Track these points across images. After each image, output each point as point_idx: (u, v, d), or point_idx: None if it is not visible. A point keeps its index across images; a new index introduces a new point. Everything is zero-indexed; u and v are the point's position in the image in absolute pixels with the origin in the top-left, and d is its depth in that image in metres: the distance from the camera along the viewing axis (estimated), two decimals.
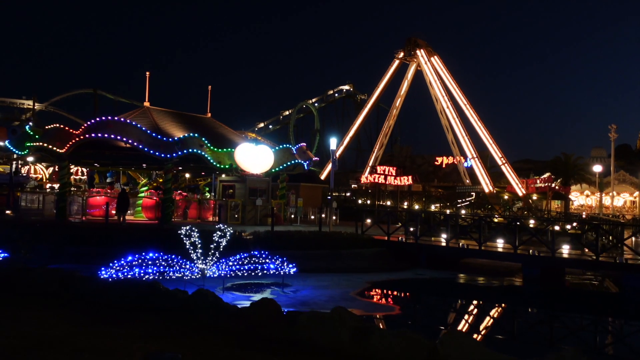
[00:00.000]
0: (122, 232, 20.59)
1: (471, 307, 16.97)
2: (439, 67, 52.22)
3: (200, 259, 14.70)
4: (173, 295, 9.89)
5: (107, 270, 13.47)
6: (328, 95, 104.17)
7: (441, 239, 24.14)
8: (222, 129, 33.62)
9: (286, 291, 15.62)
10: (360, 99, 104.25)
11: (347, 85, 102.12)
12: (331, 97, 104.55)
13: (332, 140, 23.60)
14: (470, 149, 50.38)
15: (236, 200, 28.21)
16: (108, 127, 25.36)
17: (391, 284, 18.50)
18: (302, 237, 21.45)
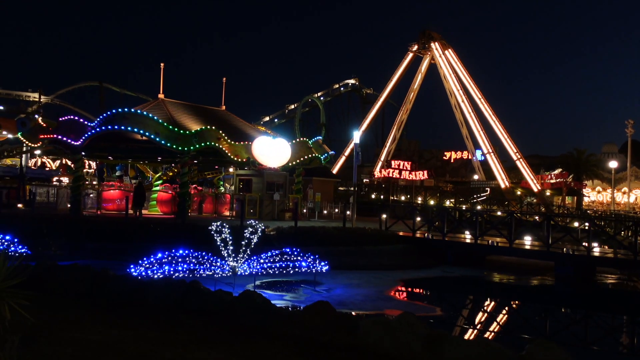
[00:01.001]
0: (141, 227, 19.99)
1: (516, 308, 16.25)
2: (453, 60, 51.39)
3: (231, 256, 14.07)
4: (217, 297, 9.27)
5: (137, 267, 12.87)
6: (334, 89, 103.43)
7: (466, 236, 23.54)
8: (237, 122, 32.96)
9: (318, 290, 15.01)
10: (365, 93, 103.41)
11: (352, 79, 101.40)
12: (337, 91, 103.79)
13: (355, 133, 22.94)
14: (485, 144, 49.60)
15: (253, 194, 27.57)
16: (124, 119, 24.70)
17: (423, 282, 17.89)
18: (327, 233, 20.84)
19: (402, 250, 21.58)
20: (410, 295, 16.27)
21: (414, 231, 22.22)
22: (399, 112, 56.58)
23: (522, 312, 15.77)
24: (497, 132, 50.09)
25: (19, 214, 22.60)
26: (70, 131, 25.66)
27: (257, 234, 14.36)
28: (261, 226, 14.54)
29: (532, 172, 51.11)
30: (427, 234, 22.35)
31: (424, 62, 54.45)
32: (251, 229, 14.37)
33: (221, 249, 14.06)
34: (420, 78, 54.95)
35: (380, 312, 12.39)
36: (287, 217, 27.94)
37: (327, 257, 17.69)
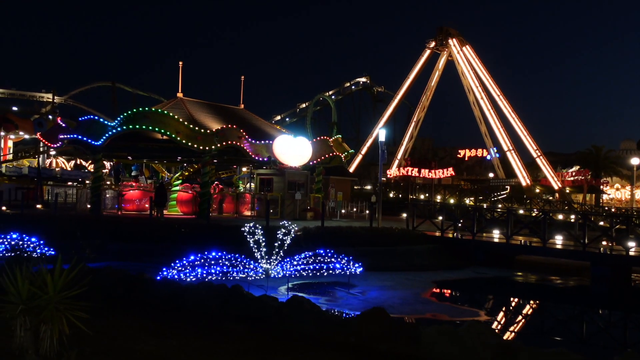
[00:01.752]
0: (166, 228, 19.62)
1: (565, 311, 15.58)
2: (471, 56, 50.65)
3: (264, 258, 13.63)
4: (262, 302, 8.82)
5: (169, 270, 12.46)
6: (345, 87, 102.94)
7: (493, 235, 22.96)
8: (256, 121, 32.55)
9: (353, 292, 14.54)
10: (377, 91, 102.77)
11: (363, 78, 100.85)
12: (348, 89, 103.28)
13: (380, 131, 22.38)
14: (505, 141, 48.80)
15: (275, 194, 27.13)
16: (145, 118, 24.38)
17: (457, 284, 17.37)
18: (354, 233, 20.36)
19: (430, 251, 21.06)
20: (447, 297, 15.76)
21: (442, 231, 21.68)
22: (416, 110, 55.93)
23: (570, 316, 15.14)
24: (516, 129, 49.27)
25: (41, 215, 22.33)
26: (90, 131, 25.39)
27: (290, 235, 13.91)
28: (294, 227, 14.07)
29: (552, 169, 50.25)
30: (455, 234, 21.78)
31: (441, 59, 53.74)
32: (284, 230, 13.91)
33: (254, 250, 13.62)
34: (438, 75, 54.27)
35: (423, 317, 11.88)
36: (308, 216, 27.50)
37: (356, 257, 17.24)
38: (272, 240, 18.33)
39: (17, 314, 4.57)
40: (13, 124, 39.65)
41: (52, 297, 4.70)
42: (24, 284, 4.72)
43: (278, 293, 13.92)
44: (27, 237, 15.58)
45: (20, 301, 4.62)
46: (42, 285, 4.87)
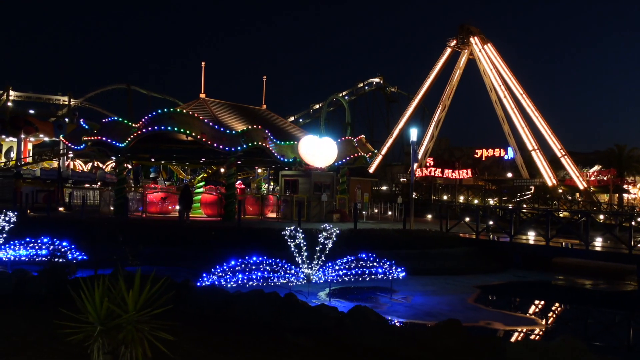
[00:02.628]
0: (196, 231, 19.17)
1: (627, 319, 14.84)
2: (493, 55, 49.77)
3: (306, 263, 13.11)
4: (322, 313, 8.26)
5: (209, 276, 11.98)
6: (358, 88, 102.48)
7: (529, 237, 22.25)
8: (279, 121, 32.12)
9: (396, 298, 13.97)
10: (390, 91, 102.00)
11: (377, 78, 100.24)
12: (361, 90, 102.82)
13: (412, 131, 21.74)
14: (530, 140, 47.84)
15: (301, 195, 26.60)
16: (170, 119, 24.02)
17: (500, 288, 16.72)
18: (388, 235, 19.78)
19: (466, 253, 20.42)
20: (496, 303, 15.13)
21: (477, 233, 21.01)
22: (436, 110, 55.08)
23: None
24: (540, 128, 48.29)
25: (69, 219, 22.01)
26: (115, 133, 25.09)
27: (332, 239, 13.36)
28: (336, 230, 13.53)
29: (577, 169, 49.18)
30: (491, 236, 21.12)
31: (462, 58, 52.89)
32: (325, 234, 13.37)
33: (295, 255, 13.09)
34: (459, 74, 53.44)
35: (477, 325, 11.27)
36: (335, 218, 26.96)
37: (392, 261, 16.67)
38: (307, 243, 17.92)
39: (96, 336, 4.07)
40: (33, 127, 39.56)
41: (132, 316, 4.19)
42: (103, 302, 4.22)
43: (319, 299, 13.40)
44: (57, 241, 15.22)
45: (98, 321, 4.12)
46: (120, 302, 4.36)
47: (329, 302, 13.00)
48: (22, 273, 10.52)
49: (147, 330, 4.28)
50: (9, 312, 8.80)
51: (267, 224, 22.87)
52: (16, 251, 15.14)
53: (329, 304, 12.89)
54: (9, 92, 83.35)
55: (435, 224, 27.03)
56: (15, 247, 15.17)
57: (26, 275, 10.50)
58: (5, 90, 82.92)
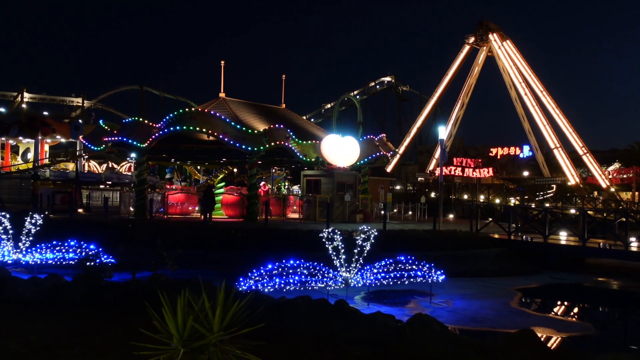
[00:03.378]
0: (223, 232, 18.75)
1: None
2: (512, 51, 48.95)
3: (344, 266, 12.61)
4: (378, 321, 7.77)
5: (246, 280, 11.51)
6: (369, 87, 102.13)
7: (560, 237, 21.60)
8: (300, 120, 31.69)
9: (435, 302, 13.43)
10: (402, 90, 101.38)
11: (388, 77, 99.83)
12: (372, 89, 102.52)
13: (440, 129, 21.19)
14: (552, 138, 46.99)
15: (323, 195, 26.11)
16: (192, 119, 23.65)
17: (540, 291, 16.13)
18: (418, 236, 19.25)
19: (498, 255, 19.85)
20: (541, 308, 14.54)
21: (509, 233, 20.40)
22: (454, 108, 54.35)
23: None
24: (561, 126, 47.38)
25: (91, 220, 21.70)
26: (136, 133, 24.76)
27: (370, 241, 12.86)
28: (374, 232, 13.01)
29: (599, 167, 48.28)
30: (524, 236, 20.50)
31: (480, 55, 52.12)
32: (363, 235, 12.86)
33: (333, 258, 12.60)
34: (477, 71, 52.65)
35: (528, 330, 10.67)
36: (358, 219, 26.47)
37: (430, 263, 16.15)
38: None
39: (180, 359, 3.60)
40: (50, 128, 39.41)
41: (217, 337, 3.71)
42: (187, 320, 3.75)
43: (356, 303, 12.90)
44: (84, 244, 14.86)
45: (180, 342, 3.65)
46: (203, 320, 3.89)
47: (367, 307, 12.53)
48: (56, 278, 10.13)
49: (233, 351, 3.79)
50: (47, 321, 8.39)
51: (291, 224, 22.43)
52: (43, 254, 14.81)
53: (367, 308, 12.44)
54: (23, 94, 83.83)
55: (458, 223, 26.46)
56: (42, 250, 14.85)
57: (60, 280, 10.11)
58: (19, 92, 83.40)
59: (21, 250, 15.03)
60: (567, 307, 15.05)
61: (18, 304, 9.67)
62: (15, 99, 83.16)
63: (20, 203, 37.44)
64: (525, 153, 62.84)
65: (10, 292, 10.22)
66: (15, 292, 10.18)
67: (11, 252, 15.13)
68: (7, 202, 36.07)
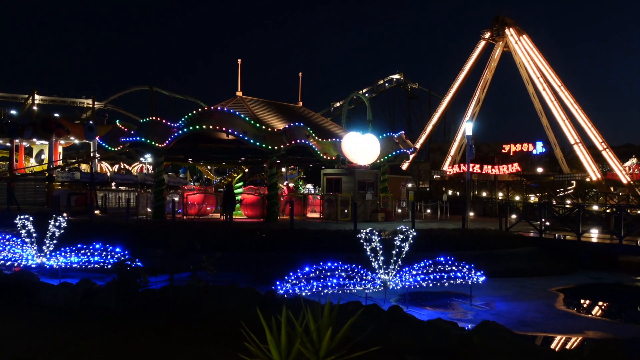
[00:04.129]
0: (246, 233, 18.28)
1: None
2: (529, 46, 48.13)
3: (382, 268, 12.10)
4: (440, 329, 7.26)
5: (283, 284, 11.02)
6: (378, 85, 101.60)
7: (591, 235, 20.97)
8: (318, 119, 31.21)
9: (477, 304, 12.89)
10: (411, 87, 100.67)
11: (397, 75, 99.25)
12: (381, 87, 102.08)
13: (467, 125, 20.60)
14: (572, 133, 46.16)
15: (344, 194, 25.60)
16: (211, 118, 23.22)
17: (582, 291, 15.58)
18: (448, 236, 18.68)
19: (530, 254, 19.25)
20: (587, 309, 13.96)
21: (541, 232, 19.80)
22: (469, 104, 53.60)
23: None
24: (580, 121, 46.54)
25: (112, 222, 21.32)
26: (153, 133, 24.36)
27: (408, 241, 12.34)
28: (413, 232, 12.49)
29: (620, 162, 47.40)
30: (556, 234, 19.89)
31: (496, 50, 51.30)
32: (401, 236, 12.35)
33: (371, 260, 12.09)
34: (493, 67, 51.85)
35: (585, 336, 10.12)
36: (380, 217, 25.97)
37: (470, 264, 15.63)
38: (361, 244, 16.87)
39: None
40: (64, 129, 39.19)
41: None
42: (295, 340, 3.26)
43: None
44: (110, 246, 14.44)
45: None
46: (307, 342, 3.39)
47: (406, 309, 12.01)
48: (88, 284, 9.70)
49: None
50: (84, 331, 7.94)
51: (314, 224, 21.96)
52: (67, 258, 14.42)
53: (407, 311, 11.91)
54: (34, 96, 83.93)
55: (481, 221, 25.86)
56: (67, 254, 14.46)
57: (92, 286, 9.68)
58: (30, 94, 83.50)
59: (45, 254, 14.67)
60: (614, 308, 14.45)
61: (49, 310, 9.26)
62: (26, 101, 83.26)
63: (35, 205, 37.28)
64: (539, 149, 62.00)
65: (41, 298, 9.81)
66: (46, 298, 9.76)
67: (35, 255, 14.78)
68: (22, 204, 35.88)
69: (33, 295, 9.83)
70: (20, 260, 14.74)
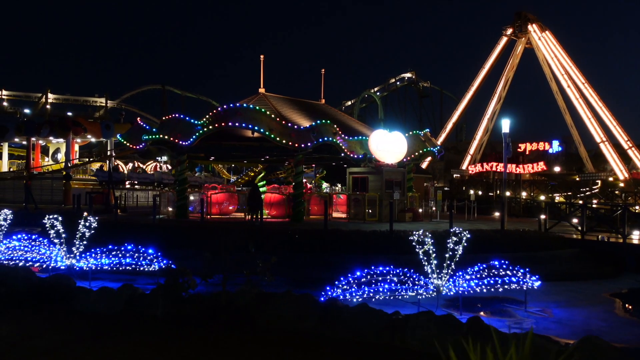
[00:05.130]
0: (276, 234, 17.63)
1: None
2: (552, 43, 47.14)
3: (435, 273, 11.40)
4: (534, 343, 6.53)
5: (333, 290, 10.35)
6: (390, 83, 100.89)
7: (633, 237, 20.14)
8: (341, 116, 30.51)
9: (533, 311, 12.16)
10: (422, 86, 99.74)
11: (408, 73, 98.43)
12: (393, 85, 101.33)
13: (504, 121, 19.80)
14: (597, 132, 45.15)
15: (372, 194, 24.90)
16: (237, 115, 22.56)
17: (637, 296, 14.75)
18: (486, 237, 17.95)
19: (572, 256, 18.48)
20: None
21: (583, 233, 19.00)
22: (490, 102, 52.68)
23: None
24: (605, 119, 45.48)
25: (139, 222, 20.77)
26: (177, 130, 23.75)
27: (462, 244, 11.64)
28: (466, 234, 11.78)
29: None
30: (599, 236, 19.09)
31: (518, 46, 50.33)
32: (455, 238, 11.65)
33: (424, 264, 11.40)
34: (515, 63, 50.86)
35: None
36: (407, 218, 25.26)
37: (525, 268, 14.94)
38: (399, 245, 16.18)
39: None
40: (82, 127, 38.79)
41: None
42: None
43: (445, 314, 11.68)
44: (142, 248, 13.86)
45: None
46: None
47: (459, 316, 11.31)
48: (131, 289, 9.08)
49: None
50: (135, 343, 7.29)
51: (343, 224, 21.30)
52: (98, 259, 13.85)
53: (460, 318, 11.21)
54: (47, 95, 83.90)
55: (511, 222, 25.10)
56: (97, 255, 13.90)
57: (136, 291, 9.06)
58: (44, 93, 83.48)
59: (74, 255, 14.12)
60: None
61: (91, 318, 8.63)
62: (39, 99, 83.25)
63: (53, 204, 36.91)
64: (555, 148, 61.10)
65: (79, 304, 9.21)
66: (85, 304, 9.16)
67: (64, 257, 14.23)
68: (40, 203, 35.50)
69: (71, 301, 9.23)
70: (49, 262, 14.23)
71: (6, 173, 39.91)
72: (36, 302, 9.42)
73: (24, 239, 15.20)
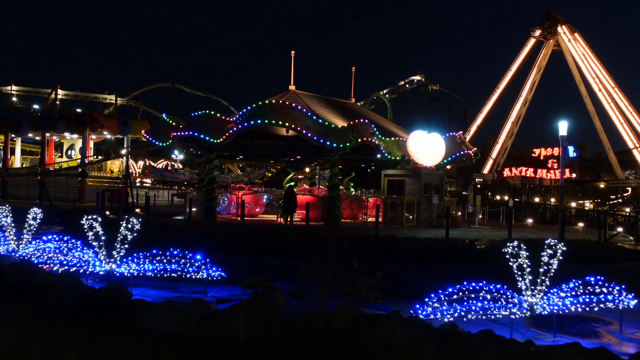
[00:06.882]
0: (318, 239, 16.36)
1: None
2: (582, 45, 45.87)
3: (530, 289, 10.19)
4: None
5: (424, 307, 9.14)
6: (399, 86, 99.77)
7: None
8: (373, 116, 29.33)
9: (627, 332, 10.93)
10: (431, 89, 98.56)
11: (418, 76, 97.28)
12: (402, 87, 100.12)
13: (561, 124, 18.58)
14: (630, 137, 43.88)
15: (409, 197, 23.67)
16: (272, 112, 21.43)
17: None
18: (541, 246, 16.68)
19: (636, 268, 17.25)
20: None
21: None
22: (515, 105, 51.38)
23: None
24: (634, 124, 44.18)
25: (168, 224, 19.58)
26: (208, 127, 22.60)
27: (556, 258, 10.43)
28: (559, 244, 10.58)
29: None
30: None
31: (546, 48, 49.04)
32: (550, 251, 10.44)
33: (517, 279, 10.19)
34: (543, 65, 49.55)
35: None
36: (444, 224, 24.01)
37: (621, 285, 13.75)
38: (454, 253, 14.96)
39: None
40: (99, 123, 37.65)
41: None
42: None
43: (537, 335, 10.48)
44: (190, 254, 12.68)
45: None
46: None
47: (554, 339, 10.11)
48: (205, 305, 7.88)
49: None
50: None
51: (386, 230, 20.05)
52: (140, 265, 12.69)
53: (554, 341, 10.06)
54: (57, 91, 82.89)
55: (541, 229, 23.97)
56: (139, 260, 12.74)
57: (209, 308, 7.86)
58: (54, 88, 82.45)
59: (115, 260, 12.95)
60: None
61: (159, 339, 7.41)
62: (49, 95, 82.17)
63: (68, 201, 35.77)
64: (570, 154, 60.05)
65: (142, 321, 8.00)
66: (149, 321, 7.95)
67: (103, 262, 13.07)
68: (54, 200, 34.39)
69: (131, 317, 8.04)
70: (87, 267, 13.07)
71: (20, 169, 38.77)
72: (90, 315, 8.23)
73: (54, 239, 14.10)
